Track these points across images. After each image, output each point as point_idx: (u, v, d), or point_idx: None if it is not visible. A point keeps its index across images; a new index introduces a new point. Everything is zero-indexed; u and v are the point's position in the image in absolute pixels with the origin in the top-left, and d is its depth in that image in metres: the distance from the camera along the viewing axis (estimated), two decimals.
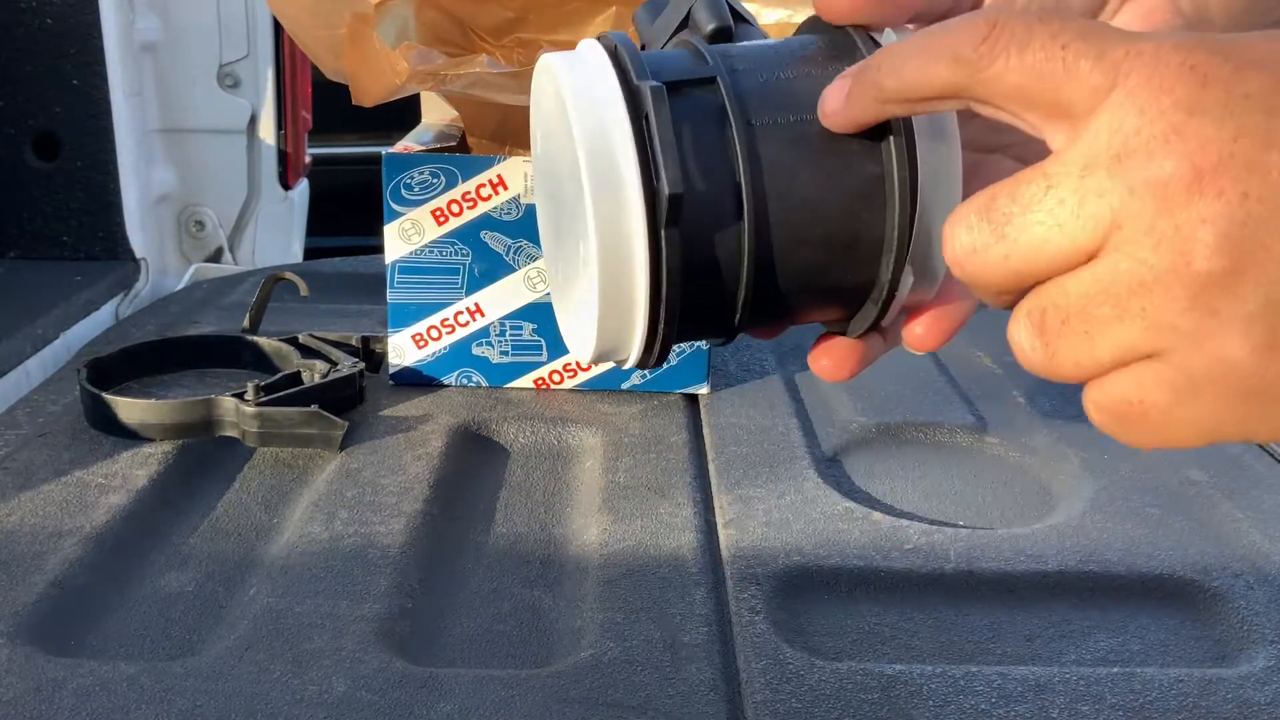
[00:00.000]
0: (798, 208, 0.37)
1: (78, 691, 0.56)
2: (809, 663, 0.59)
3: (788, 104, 0.38)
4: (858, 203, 0.38)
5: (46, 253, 1.30)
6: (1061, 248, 0.30)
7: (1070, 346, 0.31)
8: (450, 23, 0.94)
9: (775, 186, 0.37)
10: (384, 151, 0.89)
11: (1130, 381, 0.30)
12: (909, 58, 0.34)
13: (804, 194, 0.37)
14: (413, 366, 0.93)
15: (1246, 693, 0.58)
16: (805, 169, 0.37)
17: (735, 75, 0.38)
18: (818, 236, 0.38)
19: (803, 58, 0.39)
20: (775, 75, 0.38)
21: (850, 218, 0.38)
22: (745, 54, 0.39)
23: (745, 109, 0.37)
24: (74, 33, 1.26)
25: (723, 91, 0.37)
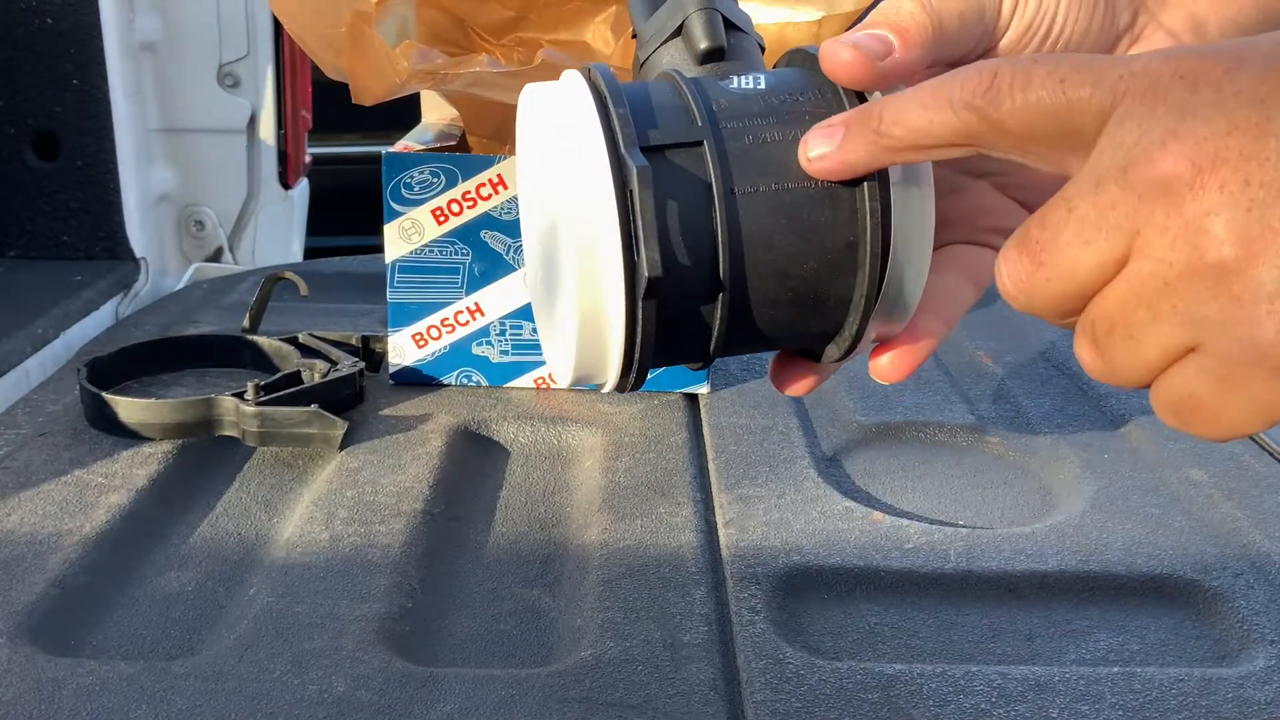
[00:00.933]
0: (772, 274, 0.39)
1: (78, 691, 0.56)
2: (809, 662, 0.59)
3: (771, 170, 0.39)
4: (830, 268, 0.39)
5: (46, 252, 1.30)
6: (1094, 262, 0.32)
7: (1122, 354, 0.33)
8: (450, 22, 0.94)
9: (752, 255, 0.39)
10: (384, 151, 0.89)
11: (1179, 377, 0.32)
12: (913, 107, 0.35)
13: (780, 261, 0.39)
14: (413, 366, 0.93)
15: (1247, 692, 0.58)
16: (783, 237, 0.39)
17: (723, 136, 0.39)
18: (789, 299, 0.40)
19: (790, 114, 0.40)
20: (762, 138, 0.39)
21: (822, 280, 0.39)
22: (734, 105, 0.40)
23: (729, 176, 0.38)
24: (74, 32, 1.26)
25: (708, 159, 0.38)
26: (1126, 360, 0.33)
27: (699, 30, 0.42)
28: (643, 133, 0.38)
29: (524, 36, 0.96)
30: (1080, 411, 0.93)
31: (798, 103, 0.40)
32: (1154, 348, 0.31)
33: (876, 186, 0.38)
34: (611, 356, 0.40)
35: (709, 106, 0.39)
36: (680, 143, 0.39)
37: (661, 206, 0.38)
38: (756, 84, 0.41)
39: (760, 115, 0.39)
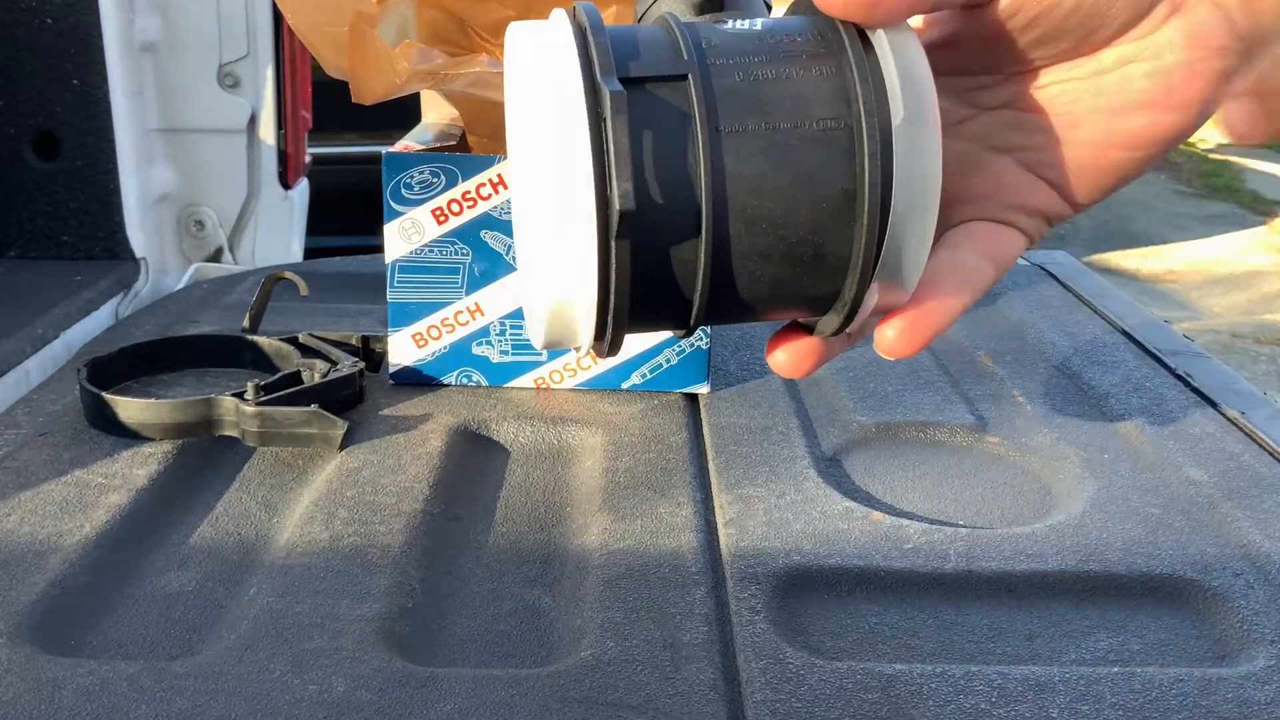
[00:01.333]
0: (760, 222, 0.36)
1: (77, 691, 0.56)
2: (809, 662, 0.59)
3: (761, 109, 0.36)
4: (825, 219, 0.36)
5: (46, 252, 1.30)
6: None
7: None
8: (451, 21, 0.94)
9: (738, 199, 0.36)
10: (384, 151, 0.89)
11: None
12: None
13: (768, 208, 0.36)
14: (413, 366, 0.93)
15: (1247, 692, 0.58)
16: (772, 181, 0.36)
17: (710, 72, 0.36)
18: (780, 252, 0.37)
19: (786, 54, 0.37)
20: (753, 75, 0.37)
21: (817, 233, 0.37)
22: (726, 43, 0.37)
23: (715, 113, 0.36)
24: (74, 32, 1.26)
25: (692, 93, 0.36)
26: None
27: None
28: (622, 63, 0.36)
29: None
30: (1080, 411, 0.93)
31: (795, 43, 0.38)
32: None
33: (876, 127, 0.36)
34: (584, 308, 0.37)
35: (698, 43, 0.37)
36: (663, 75, 0.36)
37: (637, 136, 0.35)
38: (752, 26, 0.38)
39: (753, 53, 0.37)
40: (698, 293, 0.37)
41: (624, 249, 0.36)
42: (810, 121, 0.36)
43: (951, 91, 0.44)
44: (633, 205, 0.35)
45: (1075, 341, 1.07)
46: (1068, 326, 1.11)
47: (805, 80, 0.37)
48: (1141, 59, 0.41)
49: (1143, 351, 1.05)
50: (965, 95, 0.45)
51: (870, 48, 0.38)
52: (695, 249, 0.36)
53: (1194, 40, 0.40)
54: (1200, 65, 0.41)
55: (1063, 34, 0.41)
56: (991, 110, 0.44)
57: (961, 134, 0.44)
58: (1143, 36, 0.41)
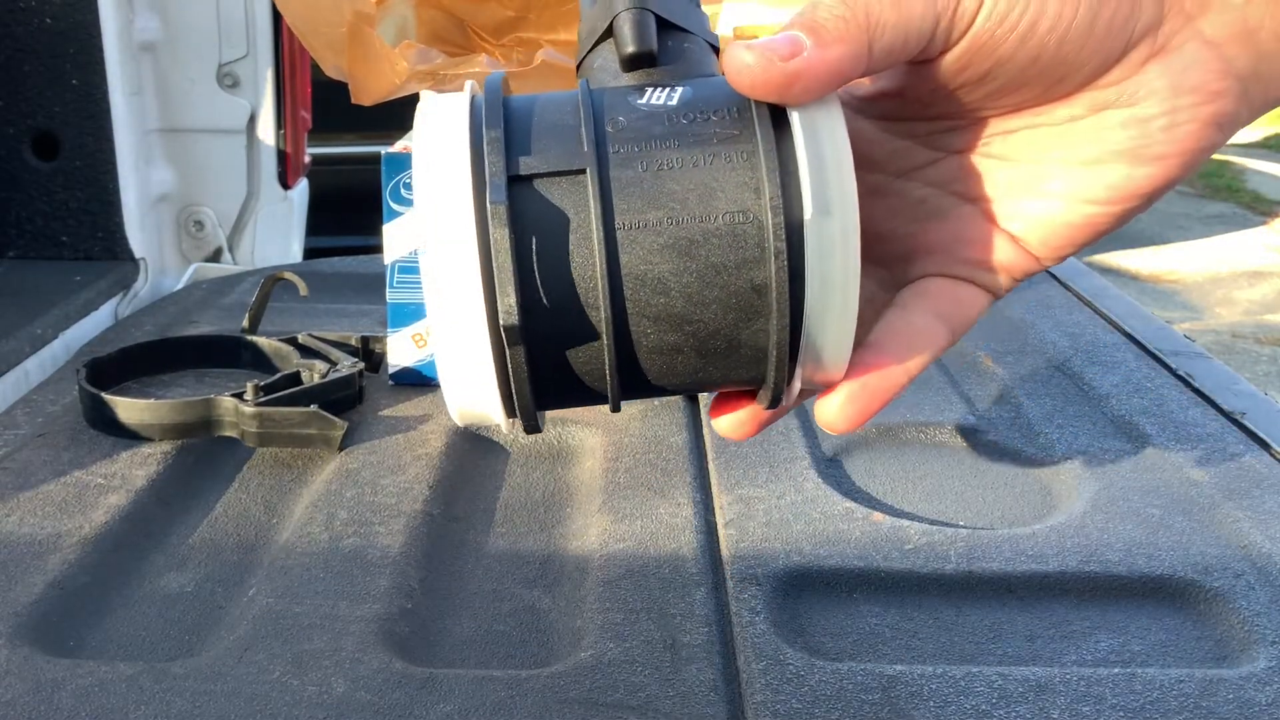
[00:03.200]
0: (667, 319, 0.35)
1: (77, 692, 0.56)
2: (809, 663, 0.59)
3: (663, 202, 0.35)
4: (735, 314, 0.35)
5: (45, 252, 1.30)
6: None
7: None
8: (450, 22, 0.94)
9: (639, 297, 0.35)
10: (383, 151, 0.89)
11: None
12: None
13: (675, 305, 0.35)
14: (412, 366, 0.93)
15: (1248, 693, 0.58)
16: (675, 278, 0.35)
17: (610, 163, 0.35)
18: (691, 346, 0.36)
19: (697, 137, 0.35)
20: (657, 164, 0.35)
21: (729, 327, 0.35)
22: (634, 125, 0.36)
23: (610, 210, 0.34)
24: (73, 32, 1.26)
25: (589, 189, 0.34)
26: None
27: (626, 33, 0.38)
28: (514, 160, 0.35)
29: (523, 36, 0.96)
30: (1080, 411, 0.93)
31: (708, 122, 0.35)
32: None
33: (783, 223, 0.34)
34: (491, 402, 0.37)
35: (602, 128, 0.35)
36: (558, 171, 0.35)
37: (525, 246, 0.34)
38: (669, 100, 0.36)
39: (660, 138, 0.35)
40: (609, 384, 0.36)
41: (518, 354, 0.35)
42: (716, 215, 0.34)
43: (913, 135, 0.41)
44: (515, 320, 0.34)
45: (1075, 342, 1.07)
46: (1068, 326, 1.11)
47: (714, 168, 0.35)
48: (1118, 105, 0.37)
49: (1143, 352, 1.05)
50: (925, 139, 0.41)
51: (786, 129, 0.35)
52: (599, 348, 0.35)
53: (1179, 86, 0.36)
54: (1184, 114, 0.36)
55: (1024, 84, 0.37)
56: (955, 154, 0.41)
57: (924, 180, 0.41)
58: (1119, 81, 0.36)
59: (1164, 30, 0.36)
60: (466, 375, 0.36)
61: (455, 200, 0.35)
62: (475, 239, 0.34)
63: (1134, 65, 0.36)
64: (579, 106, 0.36)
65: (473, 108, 0.36)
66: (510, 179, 0.34)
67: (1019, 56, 0.36)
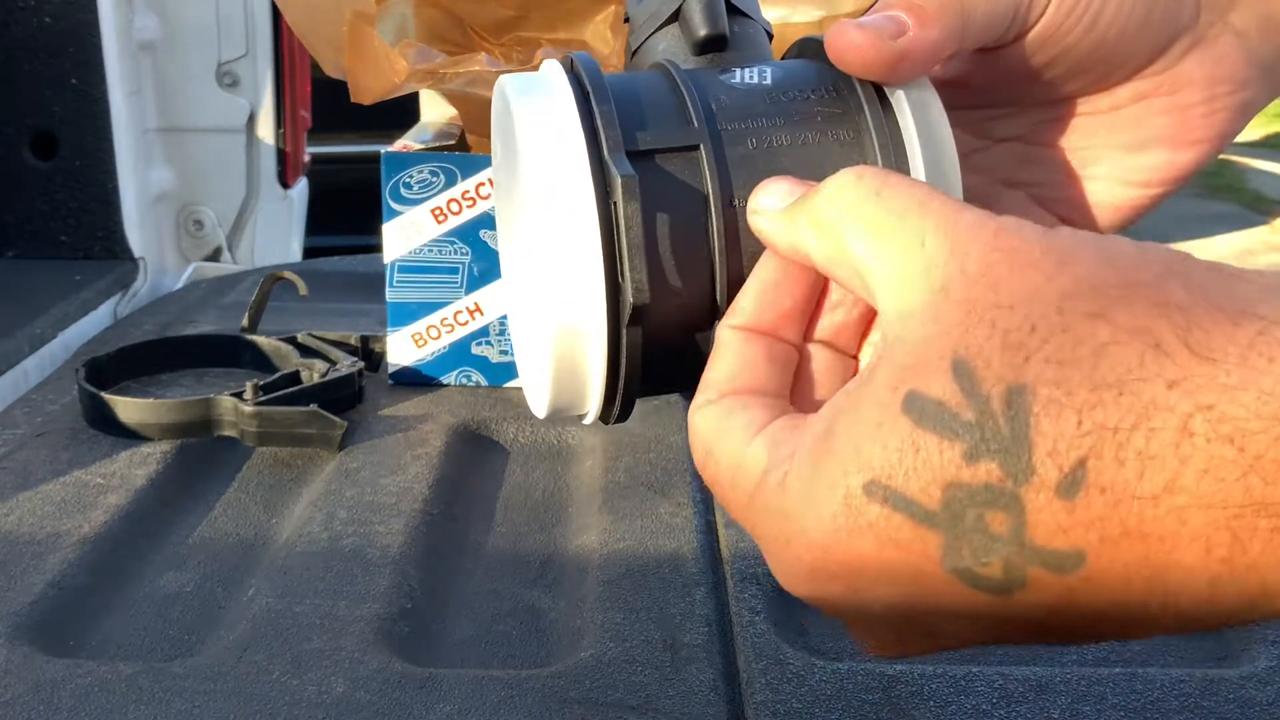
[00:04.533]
0: None
1: (76, 692, 0.56)
2: (810, 663, 0.59)
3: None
4: None
5: (44, 252, 1.30)
6: None
7: None
8: (449, 21, 0.94)
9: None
10: (383, 150, 0.89)
11: None
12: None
13: None
14: (412, 366, 0.93)
15: (1248, 692, 0.58)
16: None
17: (722, 140, 0.35)
18: None
19: (801, 115, 0.35)
20: (767, 141, 0.35)
21: None
22: (737, 104, 0.36)
23: (728, 187, 0.34)
24: (72, 31, 1.26)
25: (704, 166, 0.34)
26: None
27: (698, 15, 0.38)
28: (630, 135, 0.34)
29: (523, 36, 0.96)
30: None
31: (808, 101, 0.36)
32: None
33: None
34: (592, 388, 0.36)
35: (707, 105, 0.35)
36: (673, 147, 0.34)
37: (650, 222, 0.34)
38: (762, 79, 0.36)
39: (765, 115, 0.35)
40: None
41: (635, 334, 0.34)
42: None
43: (962, 123, 0.42)
44: (646, 299, 0.33)
45: None
46: None
47: (822, 146, 0.35)
48: (1159, 94, 0.40)
49: None
50: (976, 126, 0.43)
51: (889, 109, 0.36)
52: (710, 328, 0.35)
53: (1214, 76, 0.39)
54: (1219, 101, 0.39)
55: (1081, 72, 0.39)
56: (1003, 143, 0.43)
57: (972, 167, 0.42)
58: (1161, 71, 0.39)
59: (1201, 23, 0.38)
60: (573, 359, 0.35)
61: (575, 172, 0.34)
62: (598, 215, 0.33)
63: (1175, 56, 0.39)
64: (679, 84, 0.36)
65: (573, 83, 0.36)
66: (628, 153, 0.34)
67: (1082, 45, 0.38)
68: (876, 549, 0.28)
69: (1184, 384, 0.25)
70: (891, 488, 0.27)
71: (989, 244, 0.28)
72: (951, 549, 0.27)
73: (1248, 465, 0.24)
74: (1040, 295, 0.27)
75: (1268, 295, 0.26)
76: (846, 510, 0.28)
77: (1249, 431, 0.24)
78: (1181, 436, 0.24)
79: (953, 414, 0.27)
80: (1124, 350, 0.25)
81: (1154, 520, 0.25)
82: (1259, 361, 0.24)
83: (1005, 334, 0.26)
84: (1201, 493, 0.24)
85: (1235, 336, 0.25)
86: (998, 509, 0.26)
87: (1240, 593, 0.25)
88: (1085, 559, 0.26)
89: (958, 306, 0.27)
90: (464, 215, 0.89)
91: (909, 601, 0.29)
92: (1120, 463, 0.25)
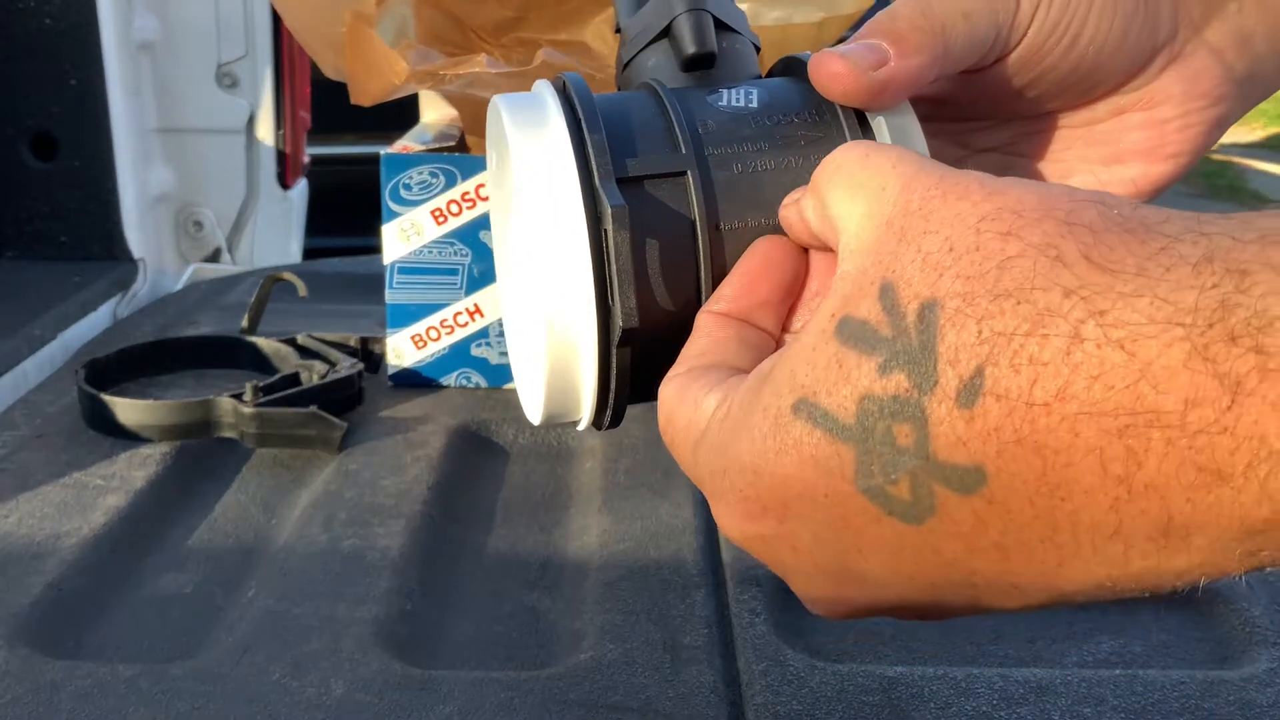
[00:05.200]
0: None
1: (75, 694, 0.56)
2: (810, 665, 0.59)
3: (760, 203, 0.36)
4: None
5: (44, 253, 1.30)
6: None
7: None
8: (449, 22, 0.94)
9: None
10: (383, 151, 0.89)
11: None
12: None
13: None
14: (412, 367, 0.93)
15: (1249, 694, 0.58)
16: None
17: (708, 164, 0.36)
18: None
19: (785, 139, 0.36)
20: (751, 166, 0.36)
21: None
22: (723, 128, 0.37)
23: (714, 211, 0.35)
24: (72, 32, 1.26)
25: (691, 191, 0.35)
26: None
27: (687, 34, 0.39)
28: (620, 162, 0.35)
29: (523, 36, 0.96)
30: None
31: (791, 125, 0.37)
32: None
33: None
34: (584, 399, 0.38)
35: (694, 129, 0.36)
36: (662, 173, 0.36)
37: (639, 248, 0.35)
38: (748, 101, 0.37)
39: (750, 140, 0.36)
40: None
41: (625, 354, 0.36)
42: None
43: (942, 134, 0.43)
44: (635, 323, 0.35)
45: None
46: None
47: (805, 170, 0.36)
48: (1136, 109, 0.41)
49: None
50: (956, 137, 0.44)
51: (870, 134, 0.37)
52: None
53: (1190, 91, 0.40)
54: (1194, 116, 0.40)
55: (1061, 91, 0.40)
56: (983, 153, 0.44)
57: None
58: (1139, 87, 0.40)
59: (1178, 40, 0.39)
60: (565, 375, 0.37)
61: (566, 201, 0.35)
62: (588, 241, 0.35)
63: (1153, 73, 0.40)
64: (667, 107, 0.37)
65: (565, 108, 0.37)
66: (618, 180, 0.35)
67: (1061, 66, 0.39)
68: (798, 468, 0.29)
69: (1079, 291, 0.25)
70: (815, 404, 0.28)
71: (935, 183, 0.29)
72: (863, 465, 0.28)
73: (1138, 372, 0.24)
74: (962, 219, 0.28)
75: (1175, 217, 0.26)
76: (775, 430, 0.29)
77: (1141, 336, 0.24)
78: (1072, 343, 0.24)
79: (873, 331, 0.28)
80: (1025, 262, 0.26)
81: (1048, 431, 0.25)
82: (1156, 270, 0.24)
83: (926, 255, 0.27)
84: (1092, 400, 0.24)
85: (1137, 250, 0.25)
86: (904, 420, 0.27)
87: (1148, 521, 0.25)
88: (985, 475, 0.26)
89: (894, 236, 0.29)
90: (464, 216, 0.89)
91: (834, 533, 0.29)
92: (1015, 369, 0.25)
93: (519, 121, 0.37)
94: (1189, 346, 0.23)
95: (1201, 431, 0.23)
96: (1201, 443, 0.23)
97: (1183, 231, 0.25)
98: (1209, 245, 0.24)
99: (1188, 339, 0.23)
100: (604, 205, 0.34)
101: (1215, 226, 0.25)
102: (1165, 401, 0.24)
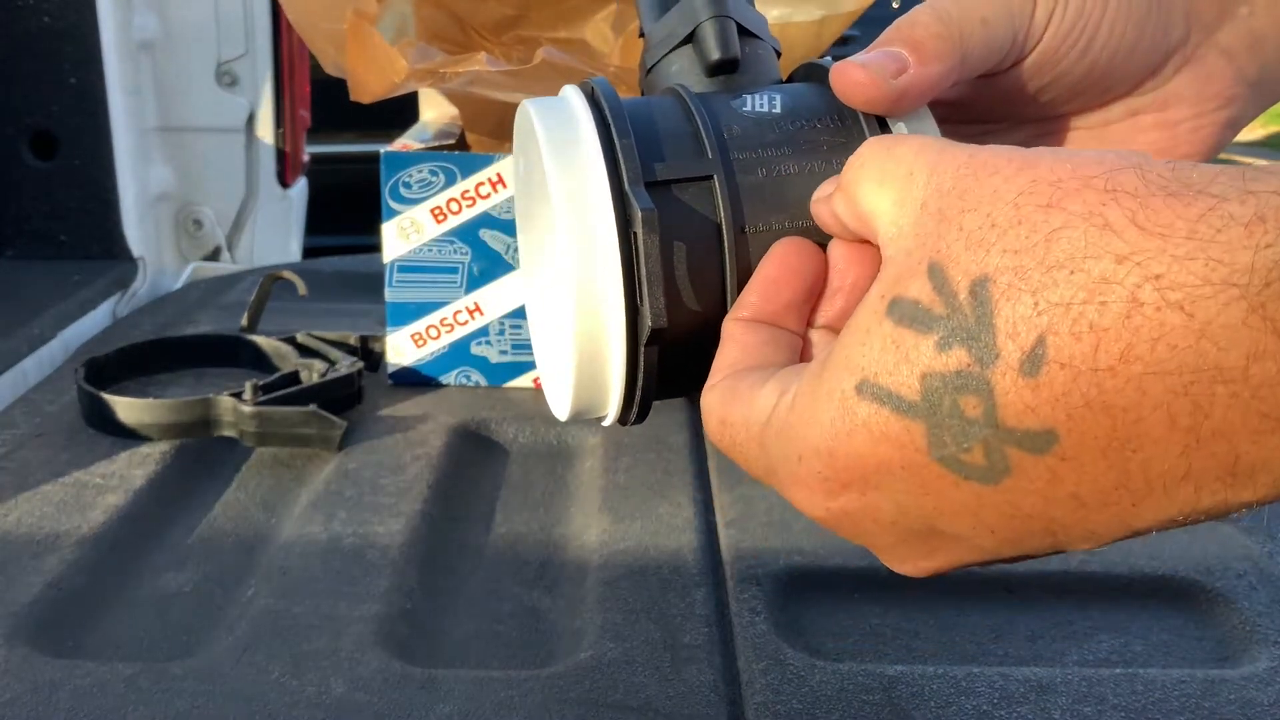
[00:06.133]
0: None
1: (75, 692, 0.56)
2: (810, 664, 0.59)
3: (785, 207, 0.37)
4: None
5: (43, 252, 1.30)
6: None
7: None
8: (449, 20, 0.94)
9: None
10: (382, 149, 0.89)
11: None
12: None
13: None
14: (411, 366, 0.93)
15: (1249, 693, 0.58)
16: None
17: (734, 169, 0.37)
18: None
19: (809, 144, 0.37)
20: (776, 171, 0.37)
21: None
22: (748, 133, 0.37)
23: (740, 214, 0.36)
24: (71, 31, 1.26)
25: (718, 195, 0.36)
26: None
27: (711, 40, 0.40)
28: (648, 165, 0.36)
29: (523, 35, 0.95)
30: None
31: (815, 130, 0.38)
32: None
33: None
34: (611, 395, 0.39)
35: (720, 134, 0.37)
36: (689, 177, 0.37)
37: (667, 251, 0.36)
38: (772, 107, 0.38)
39: (775, 145, 0.37)
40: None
41: (652, 353, 0.37)
42: None
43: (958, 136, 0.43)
44: (664, 323, 0.36)
45: None
46: None
47: (828, 174, 0.37)
48: (1149, 111, 0.41)
49: None
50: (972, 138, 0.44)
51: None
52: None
53: (1202, 93, 0.40)
54: (1206, 117, 0.41)
55: (1076, 94, 0.41)
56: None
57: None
58: (1153, 89, 0.41)
59: (1190, 43, 0.40)
60: (593, 372, 0.38)
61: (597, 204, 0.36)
62: (618, 243, 0.36)
63: (1166, 76, 0.40)
64: (693, 113, 0.38)
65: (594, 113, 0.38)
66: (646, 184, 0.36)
67: (1076, 70, 0.39)
68: (872, 446, 0.30)
69: (1132, 257, 0.26)
70: (877, 384, 0.29)
71: (964, 163, 0.30)
72: (935, 438, 0.29)
73: (1199, 331, 0.25)
74: (999, 195, 0.28)
75: (1219, 176, 0.26)
76: (842, 412, 0.30)
77: (1199, 298, 0.25)
78: (1131, 307, 0.25)
79: (926, 310, 0.29)
80: (1073, 233, 0.27)
81: (1115, 391, 0.26)
82: (1207, 232, 0.25)
83: (969, 234, 0.28)
84: (1156, 360, 0.25)
85: (1184, 214, 0.26)
86: (969, 393, 0.28)
87: (1217, 464, 0.26)
88: (1057, 436, 0.27)
89: (932, 217, 0.30)
90: (464, 215, 0.89)
91: (914, 500, 0.30)
92: (1076, 337, 0.26)
93: (550, 125, 0.38)
94: (1246, 305, 0.24)
95: (1265, 384, 0.24)
96: (1265, 393, 0.24)
97: (1228, 191, 0.26)
98: (1258, 204, 0.25)
99: (1244, 298, 0.24)
100: (634, 209, 0.35)
101: (1262, 184, 0.25)
102: (1227, 358, 0.24)
